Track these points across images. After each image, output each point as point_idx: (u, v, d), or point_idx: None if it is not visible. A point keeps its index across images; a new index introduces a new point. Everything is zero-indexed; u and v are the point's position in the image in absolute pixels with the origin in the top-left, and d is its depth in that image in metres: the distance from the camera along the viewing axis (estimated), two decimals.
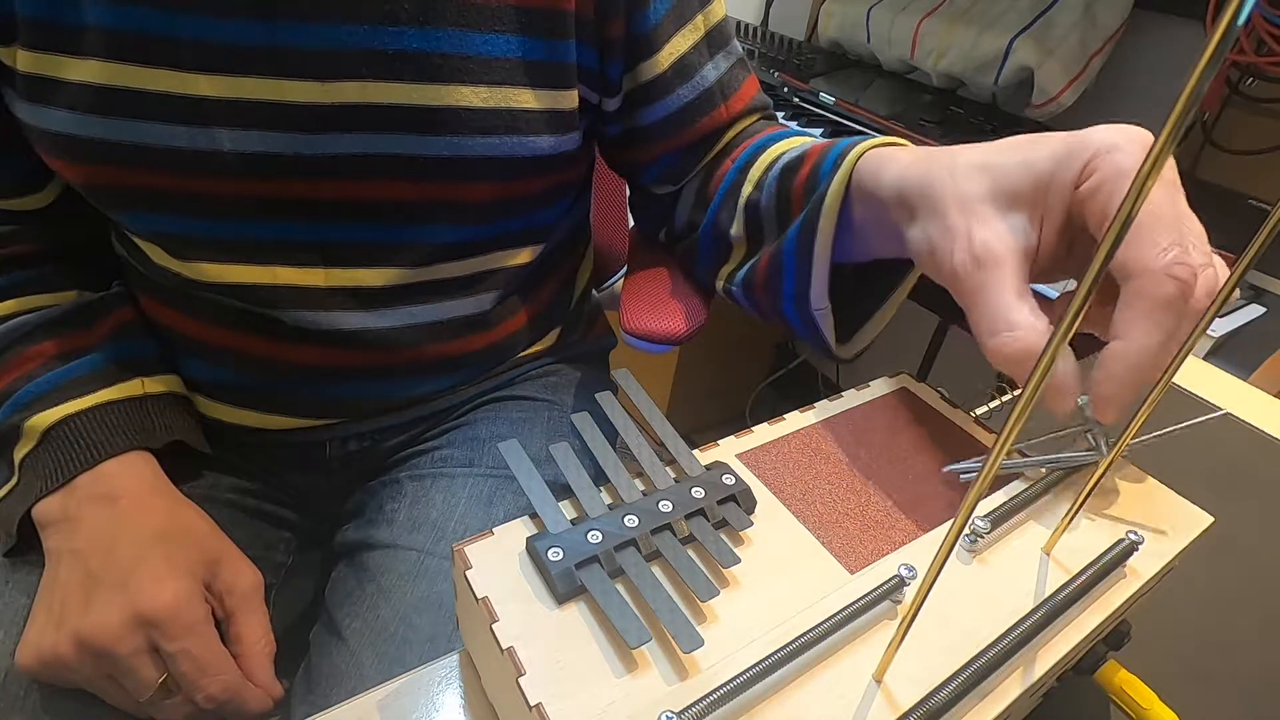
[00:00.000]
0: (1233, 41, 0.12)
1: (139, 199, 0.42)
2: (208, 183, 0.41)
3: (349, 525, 0.53)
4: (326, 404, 0.51)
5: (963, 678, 0.23)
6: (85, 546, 0.40)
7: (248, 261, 0.44)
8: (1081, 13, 1.06)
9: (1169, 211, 0.26)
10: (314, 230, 0.44)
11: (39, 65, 0.38)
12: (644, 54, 0.48)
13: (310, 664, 0.46)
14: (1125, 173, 0.26)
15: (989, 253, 0.28)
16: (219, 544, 0.44)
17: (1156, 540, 0.29)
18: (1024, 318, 0.27)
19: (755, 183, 0.46)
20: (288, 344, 0.47)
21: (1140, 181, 0.14)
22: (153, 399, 0.46)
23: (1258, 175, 1.02)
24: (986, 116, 1.16)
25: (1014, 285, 0.28)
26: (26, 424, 0.42)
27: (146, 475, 0.44)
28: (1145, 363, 0.25)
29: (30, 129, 0.40)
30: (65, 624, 0.38)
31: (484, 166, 0.44)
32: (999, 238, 0.29)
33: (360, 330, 0.48)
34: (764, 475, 0.31)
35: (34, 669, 0.38)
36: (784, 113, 1.18)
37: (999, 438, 0.17)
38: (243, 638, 0.42)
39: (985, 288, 0.28)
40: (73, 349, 0.45)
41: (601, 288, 0.81)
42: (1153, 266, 0.25)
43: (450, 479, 0.52)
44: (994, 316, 0.27)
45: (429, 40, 0.40)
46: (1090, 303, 0.15)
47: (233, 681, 0.40)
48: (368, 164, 0.42)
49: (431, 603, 0.45)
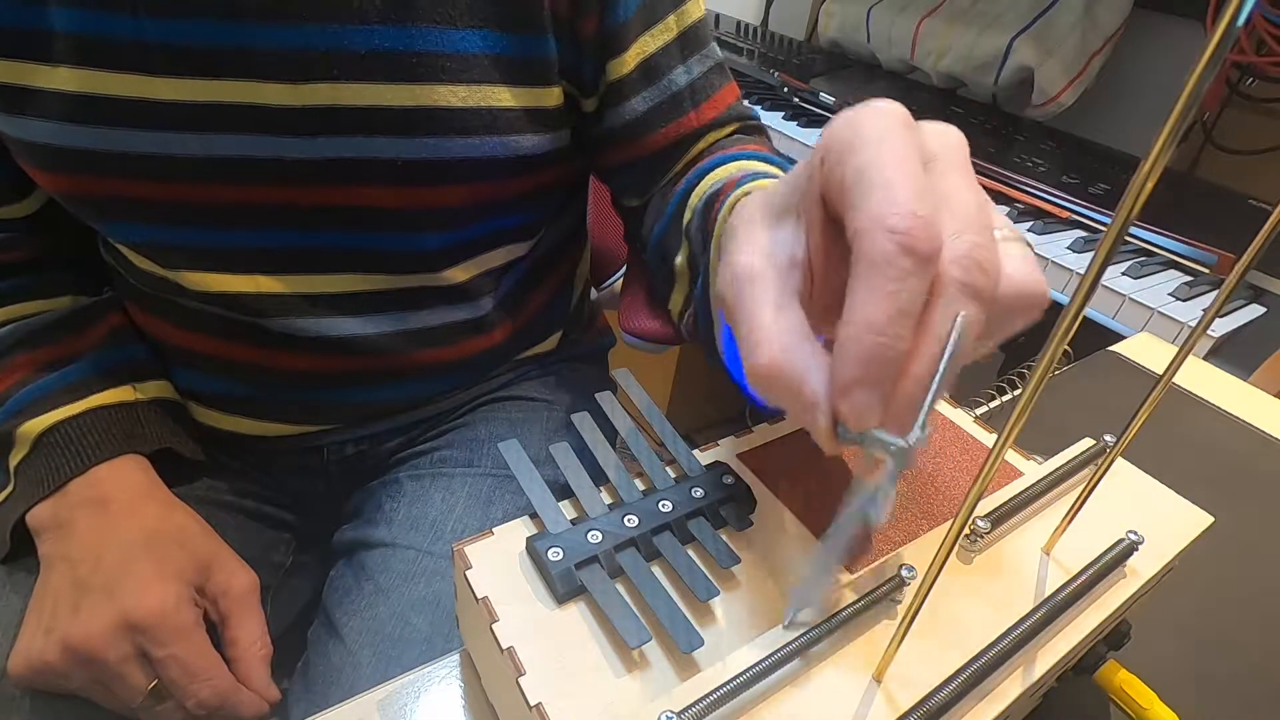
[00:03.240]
0: (1233, 41, 0.12)
1: (117, 208, 0.42)
2: (184, 189, 0.41)
3: (348, 525, 0.53)
4: (320, 410, 0.51)
5: (963, 678, 0.23)
6: (76, 552, 0.40)
7: (229, 270, 0.44)
8: (1081, 13, 1.06)
9: (893, 167, 0.21)
10: (295, 236, 0.44)
11: (11, 74, 0.38)
12: (612, 52, 0.45)
13: (308, 662, 0.46)
14: (850, 142, 0.22)
15: (746, 269, 0.25)
16: (212, 546, 0.44)
17: (1156, 540, 0.29)
18: (768, 326, 0.23)
19: (693, 209, 0.43)
20: (277, 351, 0.47)
21: (1140, 182, 0.14)
22: (144, 405, 0.46)
23: (1258, 175, 1.02)
24: (986, 116, 1.16)
25: (771, 297, 0.24)
26: (19, 430, 0.42)
27: (138, 479, 0.44)
28: (869, 339, 0.20)
29: (8, 139, 0.40)
30: (54, 631, 0.38)
31: (465, 168, 0.43)
32: (757, 253, 0.25)
33: (349, 337, 0.47)
34: (764, 475, 0.31)
35: (25, 677, 0.38)
36: (784, 113, 1.18)
37: (999, 438, 0.17)
38: (237, 641, 0.42)
39: (740, 304, 0.24)
40: (65, 355, 0.45)
41: (601, 287, 0.81)
42: (863, 225, 0.21)
43: (449, 479, 0.52)
44: (748, 332, 0.23)
45: (402, 39, 0.39)
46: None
47: (224, 686, 0.40)
48: (346, 168, 0.41)
49: (429, 602, 0.45)
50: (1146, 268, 0.80)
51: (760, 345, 0.22)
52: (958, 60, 1.18)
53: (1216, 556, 0.39)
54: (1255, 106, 1.02)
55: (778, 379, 0.22)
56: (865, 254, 0.20)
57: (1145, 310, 0.74)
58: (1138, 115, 1.15)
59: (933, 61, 1.22)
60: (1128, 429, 0.25)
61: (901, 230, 0.20)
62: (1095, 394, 0.54)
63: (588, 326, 0.67)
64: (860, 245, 0.21)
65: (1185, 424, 0.52)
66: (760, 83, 1.30)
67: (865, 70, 1.35)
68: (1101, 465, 0.26)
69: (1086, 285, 0.15)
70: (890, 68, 1.34)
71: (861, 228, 0.21)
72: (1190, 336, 0.22)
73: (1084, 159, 1.05)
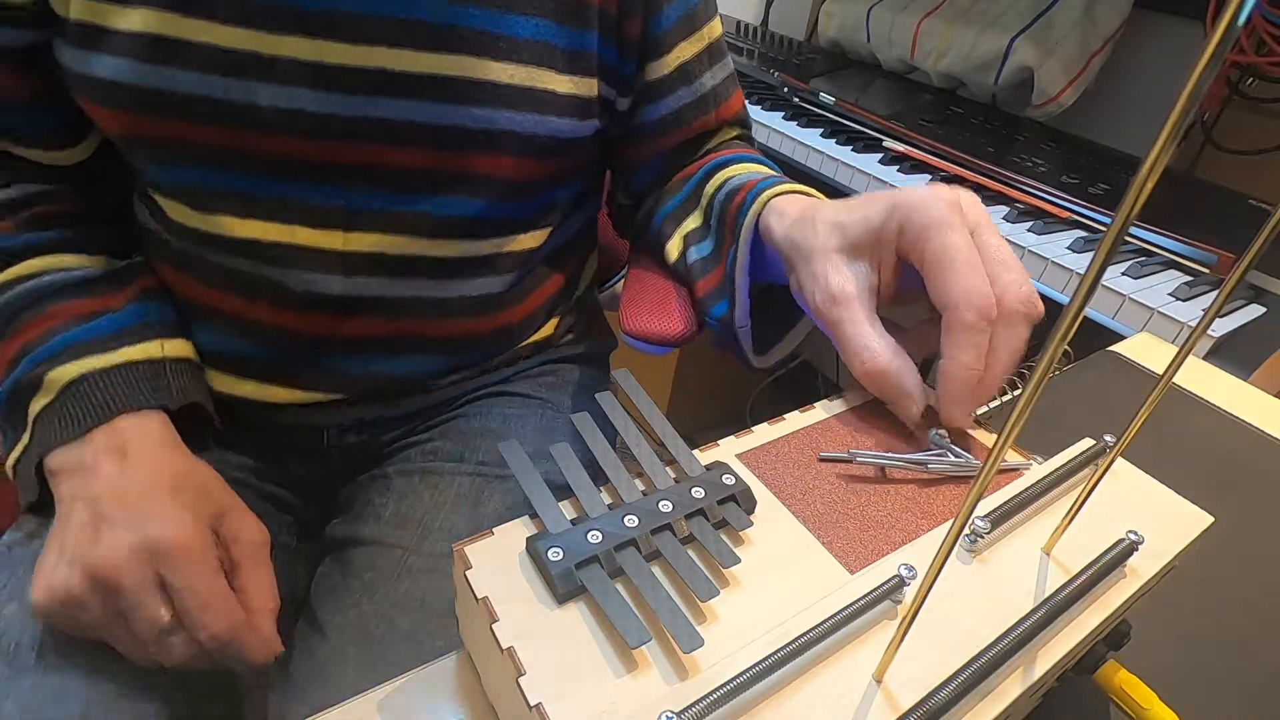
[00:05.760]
0: (1233, 41, 0.12)
1: (169, 149, 0.44)
2: (236, 135, 0.43)
3: (337, 520, 0.54)
4: (326, 377, 0.52)
5: (963, 678, 0.23)
6: (96, 491, 0.40)
7: (269, 219, 0.46)
8: (1081, 13, 1.06)
9: (965, 253, 0.33)
10: (338, 193, 0.46)
11: (90, 13, 0.40)
12: (653, 55, 0.52)
13: (291, 658, 0.46)
14: (926, 225, 0.34)
15: (842, 292, 0.37)
16: (229, 498, 0.45)
17: (1156, 540, 0.29)
18: (875, 342, 0.35)
19: (709, 195, 0.52)
20: (294, 312, 0.48)
21: (1140, 182, 0.14)
22: (171, 362, 0.47)
23: (1258, 175, 1.02)
24: (986, 116, 1.16)
25: (865, 316, 0.36)
26: (48, 376, 0.43)
27: (160, 431, 0.44)
28: (966, 374, 0.33)
29: (75, 76, 0.42)
30: (76, 560, 0.38)
31: (505, 140, 0.46)
32: (848, 280, 0.37)
33: (369, 298, 0.49)
34: (764, 475, 0.31)
35: (47, 606, 0.38)
36: (784, 113, 1.18)
37: (999, 437, 0.17)
38: (246, 589, 0.42)
39: (842, 321, 0.36)
40: (98, 309, 0.46)
41: (603, 289, 0.81)
42: (953, 301, 0.33)
43: (438, 476, 0.52)
44: (853, 342, 0.35)
45: (464, 16, 0.43)
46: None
47: (237, 620, 0.40)
48: (395, 129, 0.44)
49: (414, 600, 0.45)
50: (1146, 268, 0.80)
51: (875, 354, 0.34)
52: (958, 60, 1.18)
53: (1216, 556, 0.39)
54: (1255, 106, 1.02)
55: (889, 379, 0.34)
56: (954, 322, 0.33)
57: (1145, 310, 0.74)
58: (1138, 115, 1.15)
59: (933, 61, 1.22)
60: (1128, 429, 0.25)
61: (980, 306, 0.32)
62: (1095, 394, 0.54)
63: (590, 325, 0.67)
64: (950, 316, 0.33)
65: (1185, 424, 0.52)
66: (760, 83, 1.30)
67: (865, 70, 1.35)
68: (1101, 465, 0.26)
69: (1086, 285, 0.15)
70: (890, 68, 1.34)
71: (954, 303, 0.33)
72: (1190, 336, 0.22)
73: (1084, 159, 1.05)
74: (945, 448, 0.33)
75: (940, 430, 0.34)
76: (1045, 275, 0.82)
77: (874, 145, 1.07)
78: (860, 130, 1.13)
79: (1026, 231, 0.87)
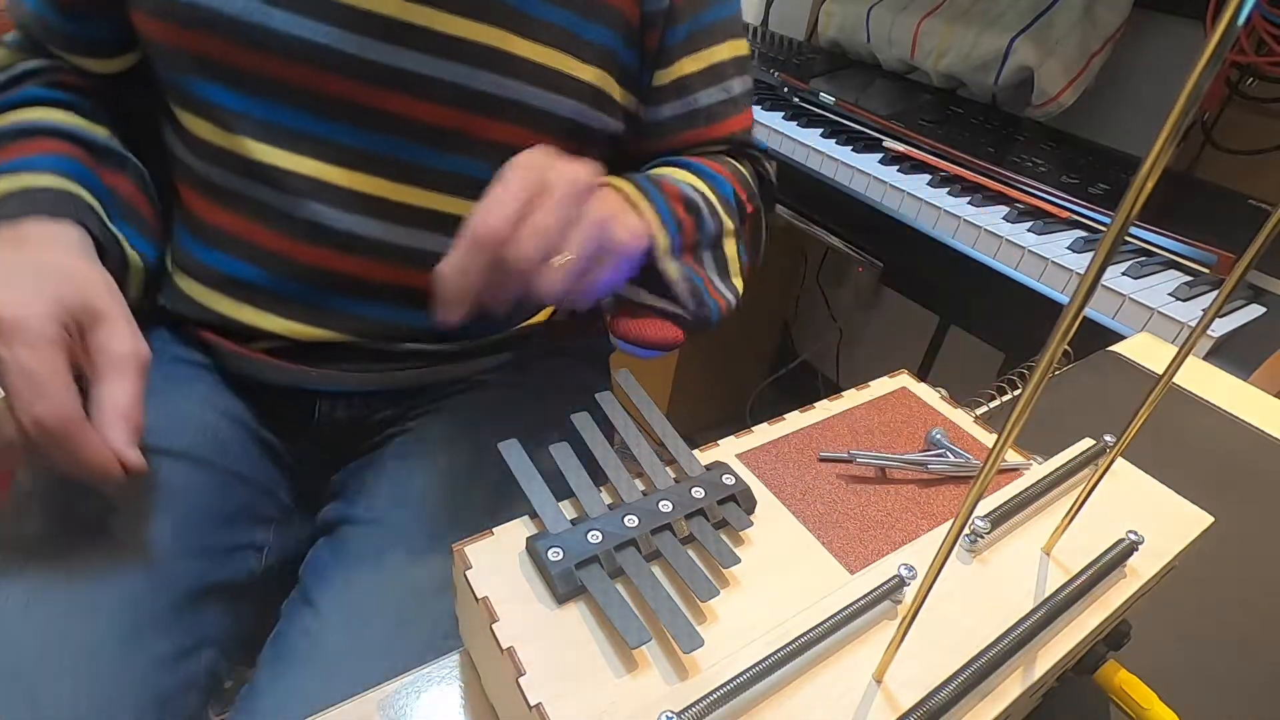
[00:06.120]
0: (1233, 41, 0.12)
1: (207, 65, 0.46)
2: (270, 62, 0.45)
3: (331, 504, 0.54)
4: (325, 315, 0.52)
5: (963, 678, 0.23)
6: None
7: (284, 146, 0.48)
8: (1081, 13, 1.06)
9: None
10: (351, 132, 0.48)
11: None
12: (660, 65, 0.55)
13: (280, 633, 0.46)
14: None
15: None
16: (114, 306, 0.40)
17: (1156, 540, 0.29)
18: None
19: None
20: (298, 241, 0.50)
21: (1140, 182, 0.14)
22: (111, 234, 0.47)
23: (1258, 175, 1.02)
24: (986, 116, 1.16)
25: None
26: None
27: (64, 235, 0.42)
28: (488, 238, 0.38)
29: None
30: None
31: (525, 113, 0.49)
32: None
33: (371, 239, 0.50)
34: (764, 475, 0.31)
35: None
36: (784, 113, 1.18)
37: (999, 437, 0.17)
38: (101, 400, 0.38)
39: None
40: (75, 157, 0.47)
41: None
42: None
43: (433, 458, 0.53)
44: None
45: None
46: None
47: (68, 412, 0.36)
48: (419, 82, 0.46)
49: (405, 580, 0.45)
50: (1146, 268, 0.80)
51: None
52: (958, 60, 1.18)
53: (1216, 556, 0.39)
54: (1255, 106, 1.02)
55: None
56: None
57: (1145, 310, 0.74)
58: (1138, 115, 1.15)
59: (933, 61, 1.22)
60: (1128, 429, 0.25)
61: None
62: (1095, 394, 0.54)
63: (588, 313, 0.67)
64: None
65: (1185, 424, 0.52)
66: (760, 83, 1.30)
67: (865, 70, 1.35)
68: (1101, 465, 0.26)
69: (1086, 285, 0.15)
70: (890, 68, 1.34)
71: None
72: (1190, 336, 0.22)
73: (1084, 159, 1.05)
74: (945, 448, 0.33)
75: (940, 430, 0.34)
76: (1045, 275, 0.82)
77: (874, 145, 1.07)
78: (860, 130, 1.13)
79: (1026, 231, 0.87)
